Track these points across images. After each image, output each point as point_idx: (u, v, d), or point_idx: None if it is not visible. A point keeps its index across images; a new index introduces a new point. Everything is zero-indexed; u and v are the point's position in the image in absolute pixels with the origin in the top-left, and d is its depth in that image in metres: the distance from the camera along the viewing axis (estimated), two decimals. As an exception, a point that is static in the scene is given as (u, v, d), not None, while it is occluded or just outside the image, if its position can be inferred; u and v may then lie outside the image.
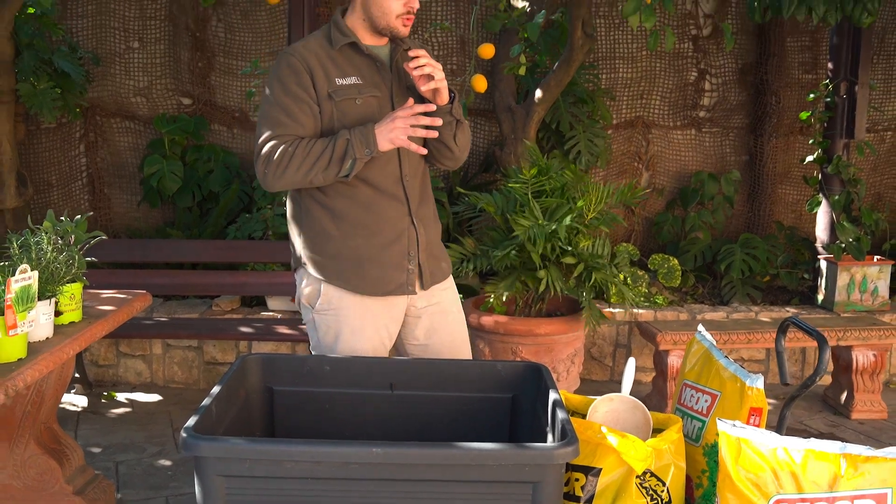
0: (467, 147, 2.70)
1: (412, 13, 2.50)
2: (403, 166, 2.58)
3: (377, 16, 2.50)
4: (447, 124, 2.53)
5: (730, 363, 2.36)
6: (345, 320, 2.56)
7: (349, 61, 2.52)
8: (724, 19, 6.19)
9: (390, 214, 2.55)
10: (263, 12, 5.93)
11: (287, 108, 2.44)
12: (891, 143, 6.54)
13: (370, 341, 2.58)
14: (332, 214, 2.53)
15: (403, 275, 2.58)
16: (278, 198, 5.21)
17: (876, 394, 4.75)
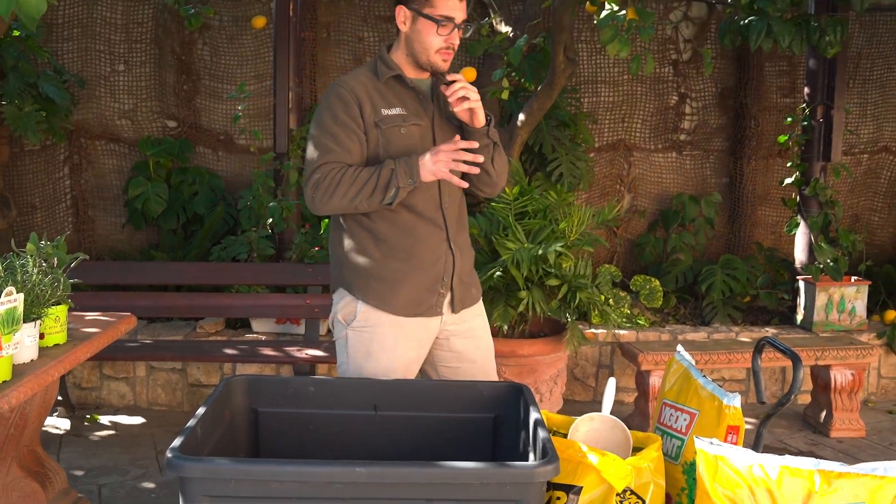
0: (504, 173, 2.78)
1: (451, 49, 2.59)
2: (443, 194, 2.69)
3: (418, 51, 2.60)
4: (484, 147, 2.61)
5: (708, 382, 2.40)
6: (379, 339, 2.65)
7: (394, 93, 2.64)
8: (704, 44, 6.29)
9: (429, 239, 2.67)
10: (249, 36, 5.99)
11: (336, 135, 2.56)
12: (867, 166, 6.64)
13: (401, 360, 2.68)
14: (373, 237, 2.65)
15: (434, 297, 2.69)
16: (263, 220, 5.24)
17: (854, 412, 4.81)
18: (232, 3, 5.98)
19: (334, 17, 6.05)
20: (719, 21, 6.27)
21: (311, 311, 4.72)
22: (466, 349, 2.81)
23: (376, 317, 2.65)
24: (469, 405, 2.38)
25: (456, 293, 2.74)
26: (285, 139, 5.33)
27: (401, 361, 2.67)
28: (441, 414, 2.37)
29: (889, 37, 6.51)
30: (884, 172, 6.69)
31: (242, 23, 5.97)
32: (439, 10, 2.55)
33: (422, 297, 2.66)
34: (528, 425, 2.15)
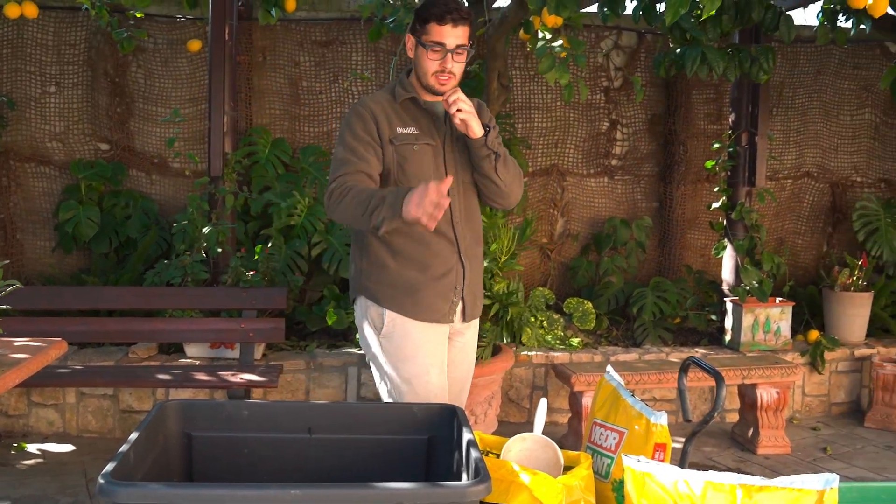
0: (516, 183, 2.92)
1: (447, 73, 2.75)
2: (454, 210, 2.85)
3: (420, 75, 2.81)
4: (484, 157, 2.80)
5: (636, 402, 2.47)
6: (413, 341, 2.82)
7: (409, 113, 2.84)
8: (634, 72, 6.46)
9: (441, 252, 2.83)
10: (184, 59, 5.96)
11: (354, 149, 2.76)
12: (790, 191, 6.87)
13: (435, 358, 2.84)
14: (389, 249, 2.82)
15: (447, 305, 2.86)
16: (197, 244, 5.21)
17: (780, 430, 4.95)
18: (167, 27, 5.96)
19: (270, 42, 6.07)
20: (649, 49, 6.46)
21: (246, 335, 4.70)
22: (457, 359, 2.99)
23: (402, 322, 2.82)
24: (403, 427, 2.41)
25: (467, 303, 2.92)
26: (220, 163, 5.31)
27: (436, 360, 2.84)
28: (376, 436, 2.39)
29: (809, 67, 6.77)
30: (806, 197, 6.93)
31: (177, 46, 5.95)
32: (431, 36, 2.74)
33: (437, 304, 2.83)
34: (462, 446, 2.18)
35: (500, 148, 2.85)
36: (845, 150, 6.96)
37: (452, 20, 2.72)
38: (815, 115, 6.84)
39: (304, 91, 6.14)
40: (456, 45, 2.74)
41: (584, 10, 5.15)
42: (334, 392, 5.11)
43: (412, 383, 2.81)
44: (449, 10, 2.72)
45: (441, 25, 2.72)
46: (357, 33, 6.11)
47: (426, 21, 2.75)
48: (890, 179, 7.08)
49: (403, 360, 2.82)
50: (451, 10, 2.72)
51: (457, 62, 2.77)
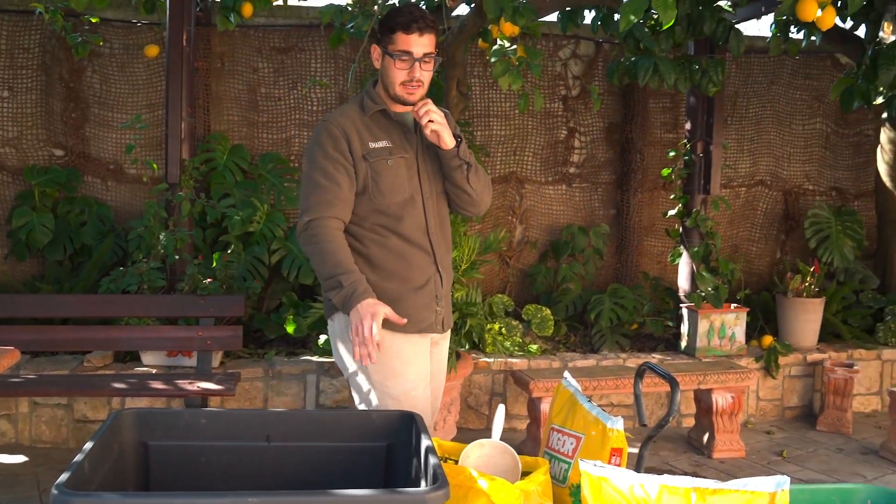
0: (486, 192, 2.94)
1: (414, 81, 2.72)
2: (429, 220, 2.84)
3: (388, 84, 2.77)
4: (456, 168, 2.80)
5: (593, 407, 2.50)
6: (395, 355, 2.78)
7: (380, 126, 2.80)
8: (592, 81, 6.53)
9: (419, 262, 2.82)
10: (141, 64, 5.91)
11: (325, 170, 2.71)
12: (745, 199, 6.98)
13: (422, 372, 2.83)
14: (367, 261, 2.78)
15: (432, 315, 2.85)
16: (154, 251, 5.16)
17: (735, 434, 5.02)
18: (123, 31, 5.90)
19: (228, 48, 6.03)
20: (606, 59, 6.53)
21: (204, 343, 4.66)
22: (433, 370, 2.96)
23: (388, 337, 2.75)
24: (362, 434, 2.40)
25: (446, 312, 2.92)
26: (177, 169, 5.27)
27: (423, 374, 2.83)
28: (334, 444, 2.39)
29: (763, 77, 6.90)
30: (760, 205, 7.05)
31: (134, 51, 5.89)
32: (398, 45, 2.71)
33: (422, 314, 2.81)
34: (420, 453, 2.19)
35: (471, 157, 2.85)
36: (797, 158, 7.10)
37: (419, 28, 2.70)
38: (769, 124, 6.97)
39: (262, 97, 6.11)
40: (423, 54, 2.71)
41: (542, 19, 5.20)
42: (293, 400, 5.09)
43: (400, 399, 2.78)
44: (415, 18, 2.70)
45: (408, 34, 2.70)
46: (316, 40, 6.10)
47: (392, 30, 2.73)
48: (840, 188, 7.24)
49: (391, 376, 2.77)
50: (416, 19, 2.70)
51: (425, 70, 2.75)
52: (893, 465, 4.91)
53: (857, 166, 7.26)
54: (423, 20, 2.71)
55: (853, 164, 7.26)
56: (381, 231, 2.78)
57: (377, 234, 2.78)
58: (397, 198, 2.77)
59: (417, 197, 2.80)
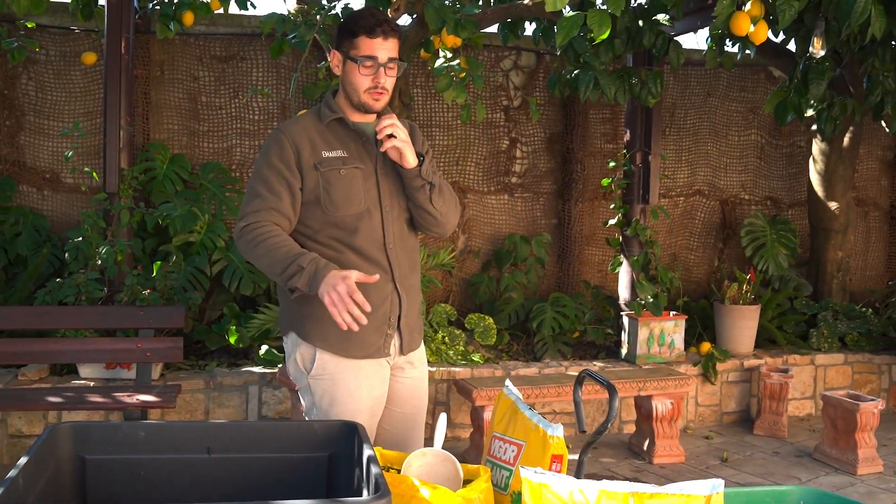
0: (452, 213, 2.78)
1: (379, 88, 2.60)
2: (387, 234, 2.68)
3: (350, 92, 2.64)
4: (418, 188, 2.65)
5: (533, 414, 2.52)
6: (340, 384, 2.66)
7: (336, 136, 2.66)
8: (533, 92, 6.60)
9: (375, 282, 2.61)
10: (78, 72, 5.82)
11: (266, 180, 2.60)
12: (683, 208, 7.12)
13: (365, 402, 2.68)
14: None
15: (381, 339, 2.69)
16: (92, 262, 5.07)
17: (674, 439, 5.11)
18: (60, 38, 5.80)
19: (168, 56, 5.97)
20: (548, 70, 6.62)
21: (143, 354, 4.59)
22: (402, 395, 2.82)
23: (334, 363, 2.66)
24: (304, 445, 2.40)
25: (404, 335, 2.75)
26: (116, 179, 5.20)
27: (365, 404, 2.68)
28: (276, 454, 2.38)
29: (700, 89, 7.05)
30: (698, 214, 7.19)
31: (71, 58, 5.80)
32: (361, 50, 2.59)
33: (370, 338, 2.67)
34: (362, 462, 2.19)
35: (436, 177, 2.69)
36: (734, 169, 7.26)
37: (383, 32, 2.58)
38: (706, 135, 7.12)
39: (203, 106, 6.06)
40: (388, 59, 2.59)
41: (484, 30, 5.25)
42: (235, 411, 5.04)
43: None
44: (378, 21, 2.59)
45: (372, 38, 2.58)
46: (258, 49, 6.07)
47: (354, 34, 2.60)
48: (775, 197, 7.42)
49: (332, 402, 2.66)
50: (380, 22, 2.59)
51: (389, 76, 2.62)
52: (827, 467, 5.04)
53: (790, 176, 7.46)
54: (387, 24, 2.60)
55: (787, 174, 7.46)
56: (335, 245, 2.65)
57: (331, 249, 2.64)
58: (351, 209, 2.63)
59: (375, 210, 2.66)
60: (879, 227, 7.79)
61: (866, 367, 6.35)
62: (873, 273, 7.77)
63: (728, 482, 4.69)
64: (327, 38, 5.16)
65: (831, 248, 6.84)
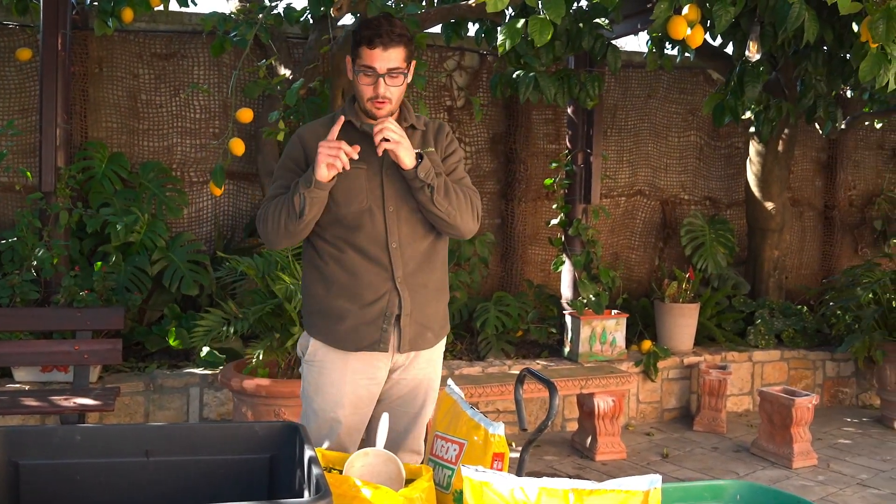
0: (463, 214, 2.76)
1: (380, 98, 2.64)
2: (390, 234, 2.72)
3: (359, 98, 2.71)
4: (418, 189, 2.65)
5: (475, 413, 2.54)
6: (328, 373, 2.76)
7: (346, 136, 2.68)
8: (477, 92, 6.63)
9: (372, 280, 2.72)
10: (12, 68, 5.68)
11: (279, 178, 2.77)
12: (624, 208, 7.22)
13: (349, 395, 2.75)
14: (322, 277, 2.76)
15: (377, 333, 2.73)
16: (27, 262, 4.97)
17: (616, 436, 5.18)
18: (-7, 34, 5.67)
19: (107, 53, 5.87)
20: (490, 70, 6.65)
21: (81, 357, 4.51)
22: (399, 396, 2.85)
23: (324, 352, 2.76)
24: (245, 446, 2.38)
25: (405, 332, 2.75)
26: (52, 178, 5.09)
27: (349, 397, 2.74)
28: (216, 457, 2.36)
29: (640, 91, 7.15)
30: (639, 214, 7.30)
31: (5, 54, 5.66)
32: (363, 59, 2.63)
33: (363, 331, 2.72)
34: (304, 463, 2.18)
35: (437, 179, 2.67)
36: (674, 169, 7.38)
37: (382, 43, 2.59)
38: (646, 136, 7.23)
39: (143, 104, 5.97)
40: (388, 69, 2.61)
41: (427, 30, 5.26)
42: (175, 414, 4.97)
43: (318, 415, 2.76)
44: (378, 33, 2.60)
45: (371, 49, 2.61)
46: (199, 47, 6.00)
47: (358, 44, 2.64)
48: (714, 197, 7.57)
49: (317, 390, 2.77)
50: (380, 33, 2.60)
51: (391, 86, 2.65)
52: (763, 462, 5.16)
53: (728, 177, 7.61)
54: (387, 34, 2.60)
55: (725, 174, 7.61)
56: (338, 244, 2.73)
57: (335, 248, 2.73)
58: (353, 207, 2.69)
59: (377, 210, 2.70)
60: (814, 226, 7.99)
61: (802, 364, 6.51)
62: (808, 272, 7.96)
63: (669, 477, 4.77)
64: (268, 37, 5.12)
65: (768, 248, 6.99)
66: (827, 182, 8.02)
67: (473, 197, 2.84)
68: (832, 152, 7.98)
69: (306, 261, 2.85)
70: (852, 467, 5.11)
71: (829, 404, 6.60)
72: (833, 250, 8.02)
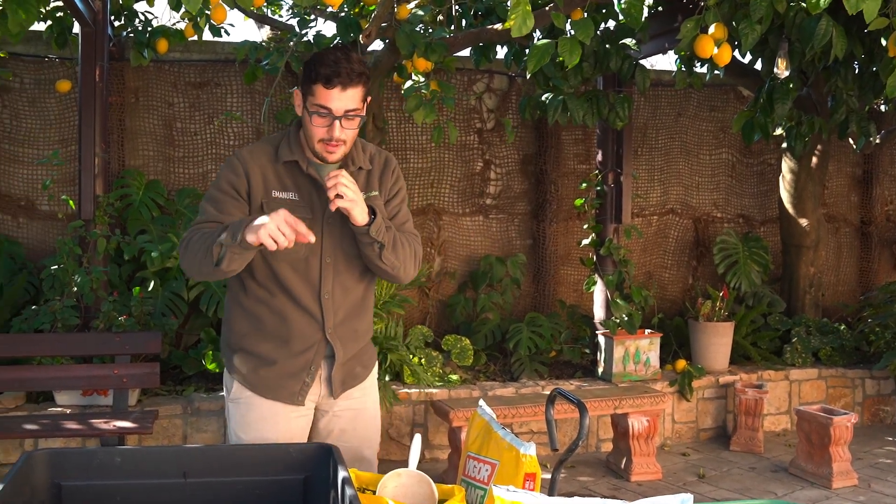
0: (407, 264, 2.58)
1: (333, 140, 2.43)
2: (323, 284, 2.55)
3: (307, 138, 2.49)
4: (367, 245, 2.47)
5: (507, 434, 2.56)
6: (255, 410, 2.63)
7: (290, 175, 2.52)
8: (506, 114, 6.68)
9: (303, 329, 2.57)
10: (53, 100, 5.83)
11: (217, 200, 2.49)
12: (657, 227, 7.20)
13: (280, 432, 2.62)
14: (247, 315, 2.59)
15: (297, 385, 2.60)
16: (68, 289, 5.07)
17: (651, 456, 5.15)
18: (34, 66, 5.82)
19: (143, 83, 6.00)
20: (519, 93, 6.70)
21: (120, 381, 4.59)
22: (347, 427, 2.74)
23: (249, 394, 2.63)
24: (279, 468, 2.42)
25: (335, 380, 2.64)
26: (91, 206, 5.21)
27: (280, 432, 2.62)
28: (252, 478, 2.40)
29: (670, 109, 7.15)
30: (672, 232, 7.28)
31: (46, 86, 5.81)
32: (317, 98, 2.39)
33: (285, 384, 2.60)
34: (337, 484, 2.21)
35: (388, 234, 2.48)
36: (706, 187, 7.36)
37: (341, 83, 2.36)
38: (677, 154, 7.22)
39: (178, 132, 6.08)
40: (345, 111, 2.39)
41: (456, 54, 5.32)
42: (212, 436, 5.03)
43: None
44: (338, 71, 2.36)
45: (328, 88, 2.37)
46: (232, 75, 6.11)
47: (313, 81, 2.39)
48: (747, 215, 7.52)
49: (246, 427, 2.65)
50: (339, 73, 2.36)
51: (347, 129, 2.42)
52: (802, 482, 5.10)
53: (761, 194, 7.57)
54: (347, 74, 2.36)
55: (758, 191, 7.57)
56: (268, 286, 2.54)
57: (264, 290, 2.55)
58: (289, 257, 2.49)
59: (314, 260, 2.53)
60: (850, 242, 7.90)
61: (840, 382, 6.43)
62: (845, 288, 7.87)
63: (705, 498, 4.73)
64: (299, 64, 5.20)
65: (803, 265, 6.93)
66: (863, 197, 7.94)
67: (416, 245, 2.64)
68: (867, 167, 7.90)
69: (231, 296, 2.65)
70: (894, 487, 5.04)
71: (869, 423, 6.51)
72: (870, 266, 7.92)
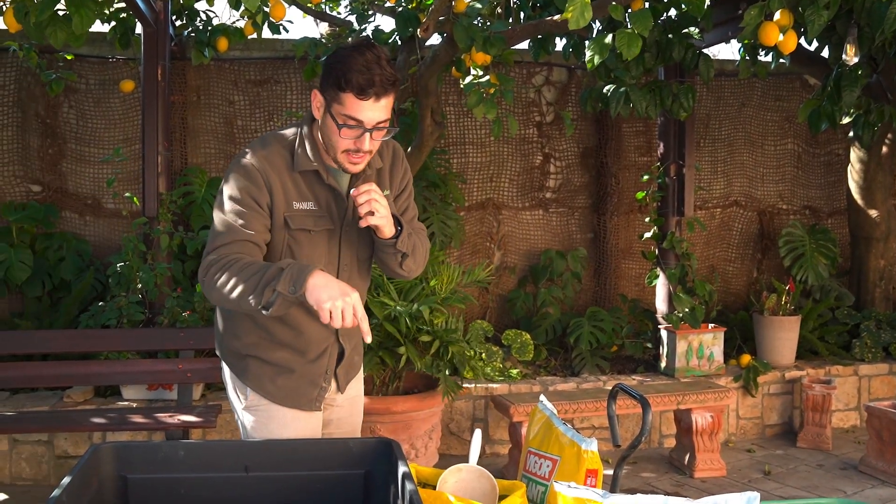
0: (421, 262, 2.58)
1: (361, 152, 2.26)
2: None
3: (327, 146, 2.32)
4: (391, 255, 2.45)
5: (568, 429, 2.52)
6: (275, 423, 2.61)
7: (308, 184, 2.38)
8: (565, 107, 6.61)
9: (315, 335, 2.56)
10: (117, 99, 5.94)
11: (241, 215, 2.29)
12: (720, 220, 7.07)
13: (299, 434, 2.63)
14: (257, 326, 2.54)
15: (315, 391, 2.62)
16: (133, 285, 5.17)
17: (715, 453, 5.06)
18: (98, 67, 5.94)
19: (204, 81, 6.08)
20: (579, 85, 6.63)
21: (184, 375, 4.66)
22: (343, 416, 2.80)
23: (267, 405, 2.60)
24: (340, 462, 2.42)
25: (341, 378, 2.68)
26: (155, 203, 5.30)
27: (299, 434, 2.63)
28: (312, 472, 2.40)
29: (733, 99, 7.01)
30: (735, 225, 7.14)
31: (110, 86, 5.93)
32: (346, 108, 2.20)
33: (305, 390, 2.60)
34: (398, 479, 2.21)
35: (409, 241, 2.43)
36: (770, 178, 7.20)
37: (376, 94, 2.18)
38: (741, 145, 7.08)
39: (239, 130, 6.16)
40: (377, 122, 2.22)
41: (514, 47, 5.28)
42: (275, 430, 5.07)
43: None
44: (372, 80, 2.16)
45: (362, 99, 2.18)
46: (291, 72, 6.16)
47: (342, 88, 2.18)
48: (813, 206, 7.34)
49: (265, 435, 2.62)
50: (374, 81, 2.16)
51: (376, 139, 2.27)
52: (872, 480, 4.96)
53: (829, 185, 7.38)
54: (381, 83, 2.17)
55: (825, 182, 7.37)
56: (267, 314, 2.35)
57: None
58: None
59: (331, 270, 2.46)
60: (922, 234, 7.65)
61: (912, 377, 6.25)
62: (917, 281, 7.63)
63: (771, 495, 4.63)
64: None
65: (873, 257, 6.74)
66: (935, 187, 7.68)
67: (426, 242, 2.59)
68: (940, 156, 7.64)
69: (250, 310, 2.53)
70: (970, 486, 4.87)
71: (943, 420, 6.30)
72: (944, 258, 7.67)
